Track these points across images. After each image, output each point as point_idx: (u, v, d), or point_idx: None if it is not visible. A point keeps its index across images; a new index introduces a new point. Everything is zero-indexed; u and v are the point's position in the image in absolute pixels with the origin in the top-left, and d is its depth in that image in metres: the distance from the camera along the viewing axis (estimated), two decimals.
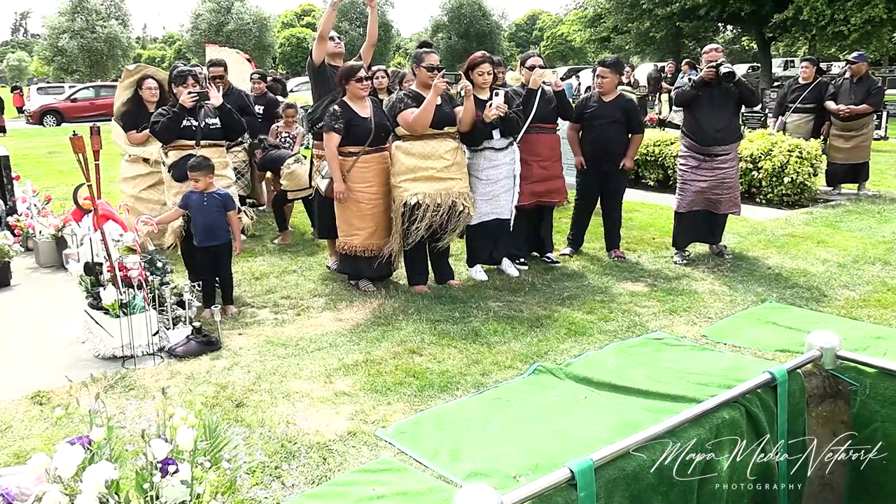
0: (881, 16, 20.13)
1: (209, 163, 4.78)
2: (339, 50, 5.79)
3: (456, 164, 5.15)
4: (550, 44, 60.40)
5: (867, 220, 7.22)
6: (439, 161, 5.05)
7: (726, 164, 5.80)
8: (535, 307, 4.86)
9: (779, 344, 4.12)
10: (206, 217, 4.70)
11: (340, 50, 5.82)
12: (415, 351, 4.14)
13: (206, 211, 4.70)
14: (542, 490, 2.58)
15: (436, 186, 5.05)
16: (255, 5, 48.16)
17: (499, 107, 5.06)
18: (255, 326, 4.59)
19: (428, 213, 5.01)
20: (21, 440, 3.18)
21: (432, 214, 5.02)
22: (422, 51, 5.23)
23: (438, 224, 5.07)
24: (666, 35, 27.58)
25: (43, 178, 11.10)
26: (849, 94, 8.50)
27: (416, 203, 5.00)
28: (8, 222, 6.60)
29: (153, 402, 3.51)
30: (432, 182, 5.04)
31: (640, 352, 4.08)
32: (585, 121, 6.02)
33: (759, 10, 24.22)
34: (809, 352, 3.70)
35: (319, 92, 5.72)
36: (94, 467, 2.14)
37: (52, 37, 44.49)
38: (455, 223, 5.14)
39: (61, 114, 26.01)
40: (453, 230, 5.18)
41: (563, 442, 3.07)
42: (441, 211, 5.03)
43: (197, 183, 4.68)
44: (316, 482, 2.84)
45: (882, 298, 4.90)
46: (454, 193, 5.08)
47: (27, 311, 5.03)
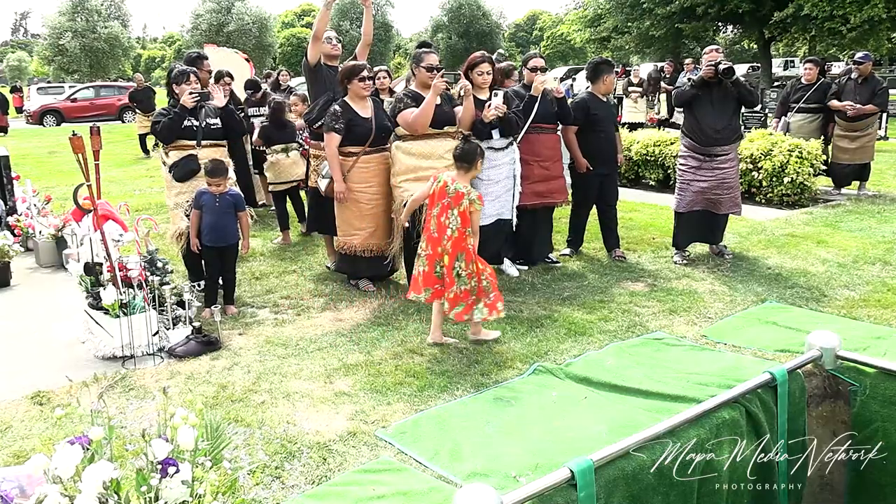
0: (881, 15, 20.15)
1: (225, 166, 4.82)
2: (336, 52, 5.78)
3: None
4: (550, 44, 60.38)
5: (867, 220, 7.22)
6: (439, 161, 5.05)
7: (726, 164, 5.80)
8: (535, 307, 4.86)
9: (779, 344, 4.12)
10: (218, 217, 4.72)
11: (337, 52, 5.80)
12: (415, 351, 4.14)
13: (218, 211, 4.72)
14: (542, 490, 2.58)
15: None
16: (255, 5, 48.16)
17: (497, 107, 5.07)
18: (255, 326, 4.60)
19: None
20: (21, 440, 3.18)
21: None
22: (421, 51, 5.23)
23: None
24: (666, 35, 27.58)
25: (43, 178, 11.11)
26: (853, 94, 8.49)
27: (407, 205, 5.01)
28: (8, 222, 6.60)
29: (153, 402, 3.51)
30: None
31: (640, 352, 4.08)
32: (592, 122, 5.98)
33: (758, 9, 24.22)
34: (809, 352, 3.70)
35: (315, 92, 5.73)
36: (94, 467, 2.14)
37: (53, 37, 44.47)
38: None
39: (61, 114, 26.03)
40: None
41: (563, 442, 3.07)
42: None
43: (218, 187, 4.72)
44: (316, 482, 2.84)
45: (882, 298, 4.90)
46: None
47: (27, 311, 5.03)
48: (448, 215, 4.14)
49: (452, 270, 4.12)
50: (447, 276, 4.13)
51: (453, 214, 4.13)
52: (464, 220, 4.12)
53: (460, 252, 4.12)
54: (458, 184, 4.17)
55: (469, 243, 4.13)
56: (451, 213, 4.13)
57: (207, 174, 4.74)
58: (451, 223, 4.12)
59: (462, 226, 4.11)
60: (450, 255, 4.12)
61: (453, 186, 4.16)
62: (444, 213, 4.15)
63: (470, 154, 4.24)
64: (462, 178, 4.22)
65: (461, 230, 4.11)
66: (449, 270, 4.12)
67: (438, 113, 5.03)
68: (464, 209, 4.12)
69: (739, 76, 5.85)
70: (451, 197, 4.15)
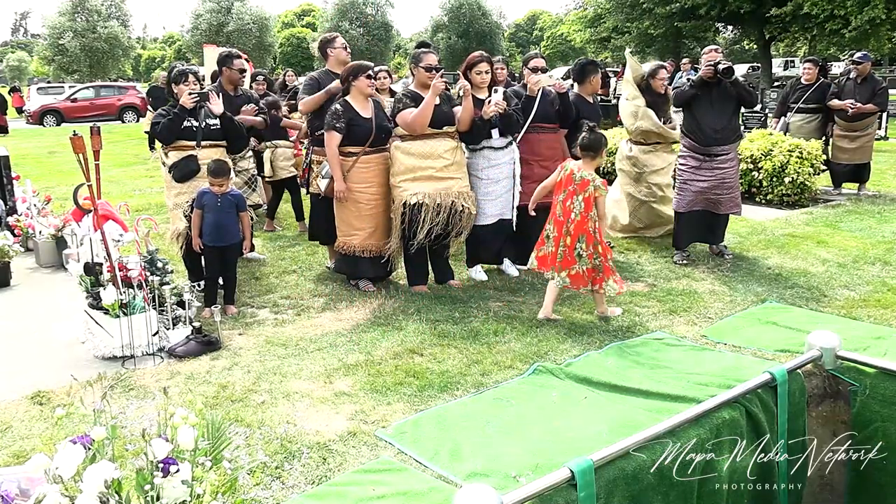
0: (881, 16, 20.15)
1: (227, 166, 4.83)
2: (348, 58, 5.79)
3: (455, 164, 5.15)
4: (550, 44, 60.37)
5: (867, 220, 7.22)
6: (438, 160, 5.05)
7: (726, 164, 5.81)
8: (535, 307, 4.86)
9: (779, 344, 4.12)
10: (220, 217, 4.72)
11: (349, 58, 5.81)
12: (415, 351, 4.14)
13: (220, 211, 4.72)
14: (542, 490, 2.58)
15: (436, 186, 5.04)
16: (255, 5, 48.16)
17: (497, 104, 5.06)
18: (255, 326, 4.60)
19: (429, 214, 5.01)
20: (21, 440, 3.18)
21: (434, 215, 5.02)
22: (420, 51, 5.23)
23: (440, 225, 5.06)
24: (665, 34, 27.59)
25: (43, 178, 11.11)
26: (853, 94, 8.49)
27: (416, 203, 5.00)
28: (8, 222, 6.60)
29: (153, 402, 3.51)
30: (432, 182, 5.04)
31: (640, 352, 4.08)
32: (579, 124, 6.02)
33: (758, 9, 24.22)
34: (809, 352, 3.70)
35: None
36: (95, 466, 2.14)
37: (53, 37, 44.46)
38: (458, 224, 5.13)
39: (61, 114, 26.01)
40: (458, 233, 5.18)
41: (563, 442, 3.07)
42: (441, 210, 5.03)
43: (221, 187, 4.73)
44: (316, 482, 2.84)
45: (882, 298, 4.90)
46: (454, 193, 5.08)
47: (27, 311, 5.03)
48: (573, 201, 4.51)
49: (574, 251, 4.52)
50: (568, 255, 4.52)
51: (578, 200, 4.50)
52: (587, 206, 4.49)
53: (582, 234, 4.50)
54: (584, 172, 4.53)
55: (591, 227, 4.51)
56: (576, 199, 4.50)
57: (210, 174, 4.74)
58: (574, 208, 4.50)
59: (585, 210, 4.49)
60: (572, 237, 4.51)
61: (579, 174, 4.52)
62: (570, 198, 4.52)
63: (596, 143, 4.56)
64: (588, 166, 4.56)
65: (584, 214, 4.49)
66: (570, 251, 4.52)
67: (437, 113, 5.03)
68: (588, 195, 4.49)
69: (739, 76, 5.85)
70: (577, 184, 4.51)
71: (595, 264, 4.51)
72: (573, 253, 4.51)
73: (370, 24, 48.96)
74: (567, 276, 4.54)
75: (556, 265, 4.56)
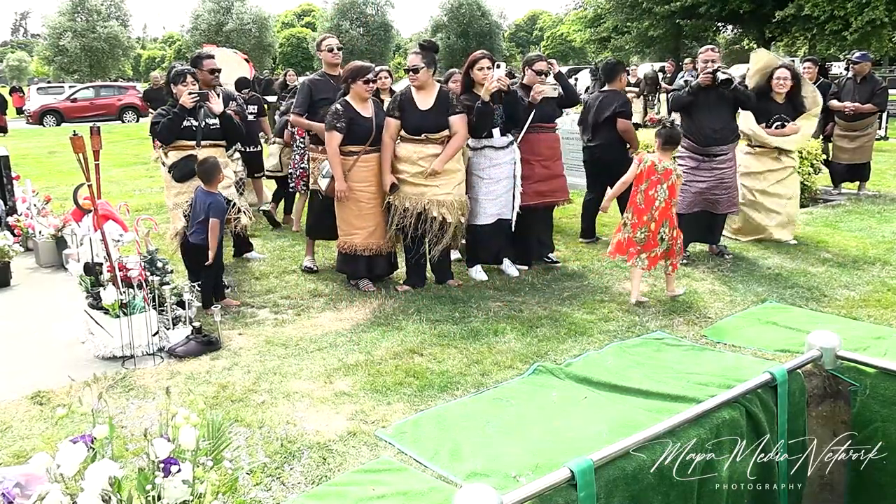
0: (881, 18, 20.14)
1: (215, 161, 4.84)
2: (336, 60, 5.91)
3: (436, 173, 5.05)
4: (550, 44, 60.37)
5: (867, 220, 7.22)
6: (412, 166, 5.09)
7: (725, 164, 5.83)
8: (535, 307, 4.86)
9: (779, 344, 4.12)
10: (203, 214, 4.73)
11: (338, 60, 5.93)
12: (415, 351, 4.14)
13: (204, 209, 4.73)
14: (542, 490, 2.58)
15: (406, 190, 5.10)
16: (254, 5, 48.16)
17: (500, 79, 5.06)
18: (255, 326, 4.60)
19: (396, 215, 5.10)
20: (21, 440, 3.18)
21: (400, 217, 5.09)
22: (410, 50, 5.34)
23: (410, 227, 5.08)
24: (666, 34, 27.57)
25: (43, 178, 11.10)
26: (852, 94, 8.49)
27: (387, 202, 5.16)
28: (8, 222, 6.60)
29: (153, 402, 3.51)
30: (404, 186, 5.11)
31: (640, 352, 4.08)
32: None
33: (759, 9, 24.22)
34: (809, 352, 3.70)
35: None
36: (97, 465, 2.14)
37: (53, 37, 44.45)
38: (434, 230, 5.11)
39: (61, 114, 26.01)
40: (437, 240, 5.16)
41: (563, 442, 3.07)
42: (408, 215, 5.08)
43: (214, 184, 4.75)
44: (316, 482, 2.84)
45: (882, 298, 4.90)
46: (424, 200, 5.07)
47: (27, 311, 5.03)
48: (657, 189, 4.86)
49: (657, 235, 4.88)
50: (651, 239, 4.88)
51: (662, 188, 4.86)
52: (671, 192, 4.89)
53: (666, 219, 4.89)
54: (665, 162, 4.92)
55: (673, 212, 4.94)
56: (661, 188, 4.86)
57: (202, 175, 4.75)
58: (659, 195, 4.86)
59: (669, 197, 4.88)
60: (656, 223, 4.87)
61: (661, 165, 4.89)
62: (654, 187, 4.87)
63: (675, 137, 5.10)
64: (667, 157, 5.00)
65: (668, 201, 4.88)
66: (654, 234, 4.88)
67: (415, 119, 5.06)
68: (672, 183, 4.89)
69: (737, 82, 5.85)
70: (660, 174, 4.87)
71: (669, 246, 4.92)
72: (656, 237, 4.87)
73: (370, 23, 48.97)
74: (647, 258, 4.89)
75: (638, 249, 4.89)
